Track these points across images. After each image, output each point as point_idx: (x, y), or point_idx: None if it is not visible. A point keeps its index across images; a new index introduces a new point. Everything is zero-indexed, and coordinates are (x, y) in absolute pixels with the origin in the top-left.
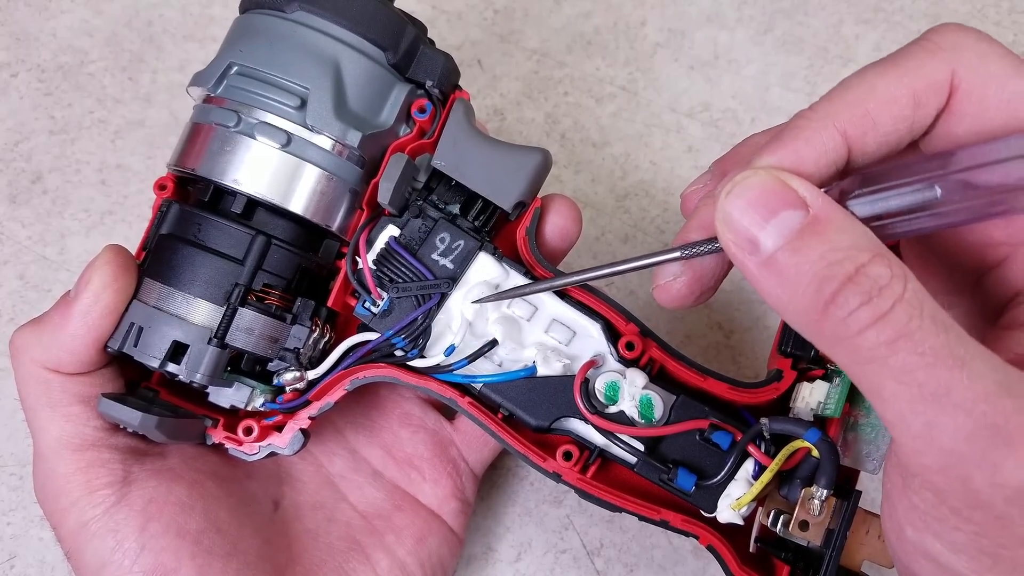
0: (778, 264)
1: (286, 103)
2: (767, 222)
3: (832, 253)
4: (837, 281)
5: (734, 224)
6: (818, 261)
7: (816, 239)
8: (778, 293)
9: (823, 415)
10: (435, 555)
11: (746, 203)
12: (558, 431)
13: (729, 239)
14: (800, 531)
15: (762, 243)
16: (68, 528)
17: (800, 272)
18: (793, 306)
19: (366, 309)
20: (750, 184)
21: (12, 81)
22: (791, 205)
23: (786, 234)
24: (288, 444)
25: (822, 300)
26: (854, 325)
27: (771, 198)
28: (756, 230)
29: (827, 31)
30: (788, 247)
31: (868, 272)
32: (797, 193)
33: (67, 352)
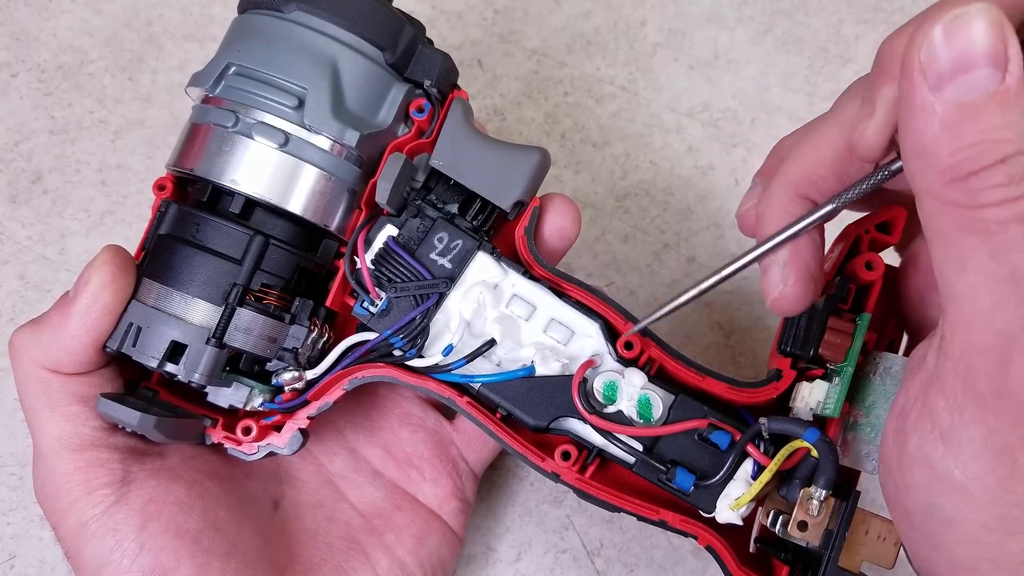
0: (949, 114)
1: (284, 103)
2: (967, 72)
3: (1002, 131)
4: (992, 157)
5: (934, 53)
6: (988, 131)
7: (997, 111)
8: (929, 140)
9: (822, 415)
10: (435, 554)
11: (960, 40)
12: (557, 431)
13: (920, 61)
14: (799, 531)
15: (948, 87)
16: (67, 528)
17: (964, 132)
18: (935, 156)
19: (364, 309)
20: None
21: (12, 81)
22: (995, 64)
23: (976, 92)
24: (287, 444)
25: (968, 167)
26: (983, 198)
27: (983, 46)
28: (952, 71)
29: (827, 31)
30: (969, 105)
31: (1021, 160)
32: (1007, 52)
33: (66, 352)
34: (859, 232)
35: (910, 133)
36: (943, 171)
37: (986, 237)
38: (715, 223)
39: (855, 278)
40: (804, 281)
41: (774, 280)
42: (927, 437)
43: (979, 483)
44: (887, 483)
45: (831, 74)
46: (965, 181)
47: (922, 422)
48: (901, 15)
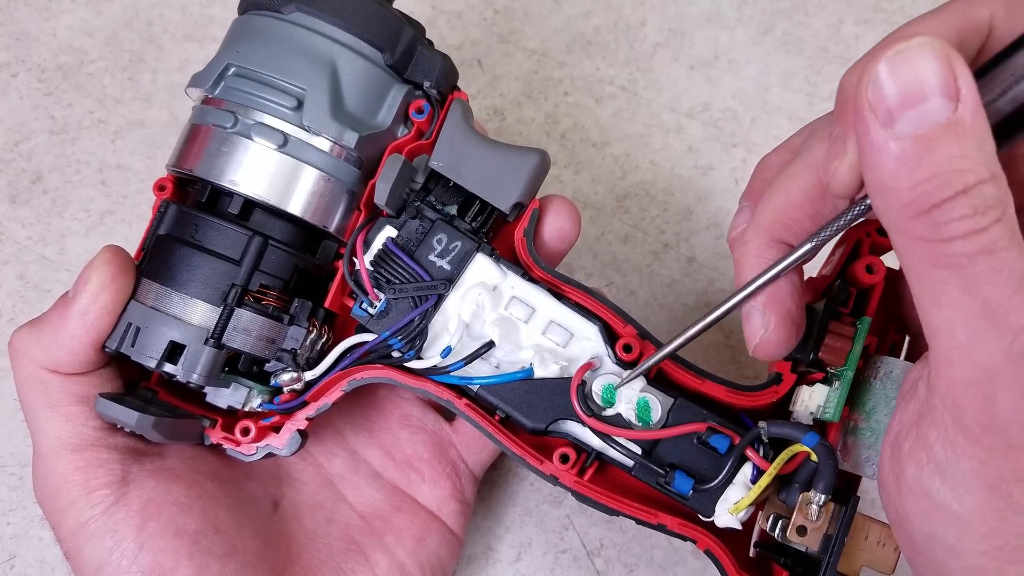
0: (904, 148)
1: (283, 104)
2: (916, 105)
3: (960, 161)
4: (953, 189)
5: (881, 90)
6: (945, 163)
7: (953, 142)
8: (887, 177)
9: (822, 419)
10: (434, 556)
11: (906, 73)
12: (555, 433)
13: (868, 100)
14: (798, 536)
15: (899, 123)
16: (67, 528)
17: (921, 166)
18: (894, 192)
19: (363, 310)
20: (918, 55)
21: (12, 81)
22: (945, 95)
23: (928, 125)
24: (285, 445)
25: (930, 201)
26: (948, 231)
27: (932, 78)
28: (900, 106)
29: (827, 31)
30: (923, 137)
31: (983, 190)
32: (957, 82)
33: (66, 352)
34: (860, 235)
35: (868, 171)
36: (905, 206)
37: (956, 271)
38: (715, 223)
39: (856, 281)
40: (785, 326)
41: (755, 326)
42: (923, 468)
43: (977, 515)
44: (888, 507)
45: (831, 74)
46: (928, 215)
47: (917, 453)
48: (901, 15)
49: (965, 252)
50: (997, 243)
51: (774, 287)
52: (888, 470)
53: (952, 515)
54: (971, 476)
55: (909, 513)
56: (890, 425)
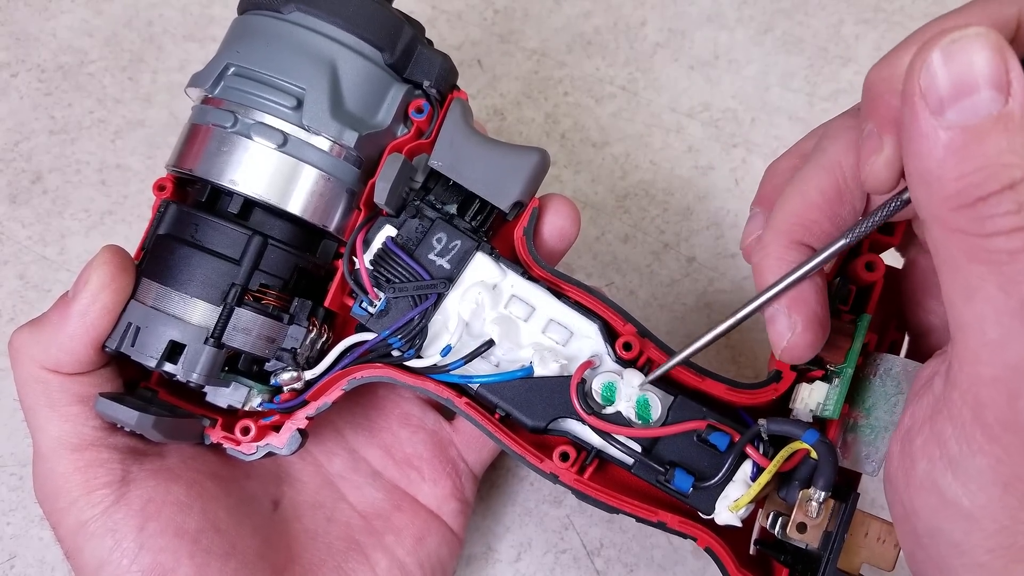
0: (953, 138)
1: (282, 104)
2: (968, 95)
3: (1008, 155)
4: (1000, 183)
5: (934, 78)
6: (994, 156)
7: (1003, 135)
8: (933, 165)
9: (822, 416)
10: (434, 555)
11: (959, 63)
12: (555, 432)
13: (920, 87)
14: (798, 533)
15: (949, 112)
16: (67, 528)
17: (969, 157)
18: (940, 183)
19: (363, 309)
20: (972, 44)
21: (12, 81)
22: (997, 87)
23: (979, 116)
24: (285, 444)
25: (976, 194)
26: (991, 226)
27: (984, 70)
28: (953, 95)
29: (827, 31)
30: (973, 129)
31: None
32: (1008, 76)
33: (66, 352)
34: None
35: (914, 159)
36: (949, 197)
37: (995, 267)
38: (715, 223)
39: (855, 279)
40: (813, 328)
41: (782, 329)
42: (935, 463)
43: (987, 512)
44: (894, 502)
45: (831, 74)
46: (972, 208)
47: (930, 447)
48: (901, 15)
49: (1006, 249)
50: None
51: (798, 289)
52: (897, 464)
53: (961, 511)
54: (986, 473)
55: (917, 508)
56: (901, 420)
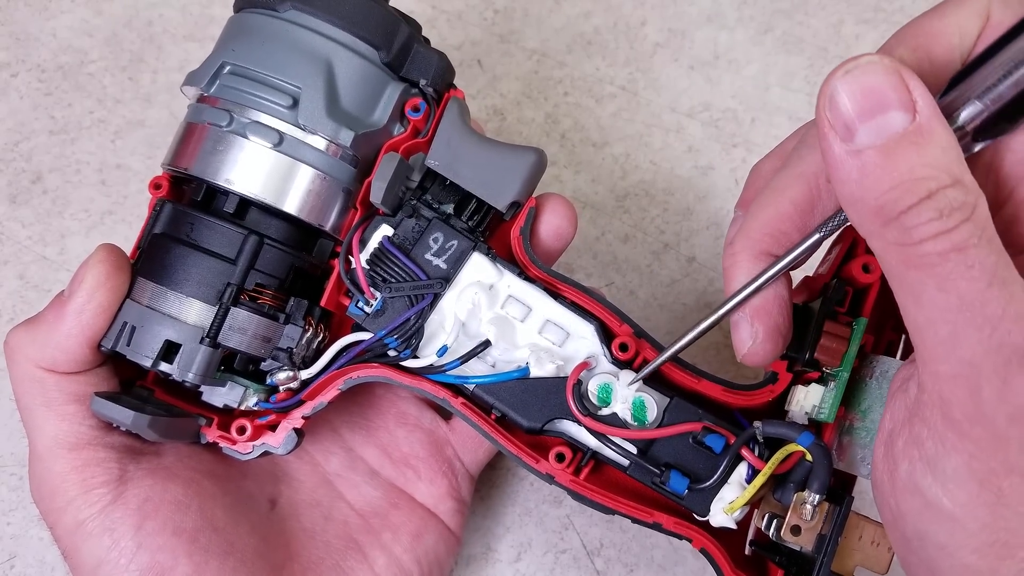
0: (866, 160)
1: (278, 102)
2: (872, 117)
3: (922, 168)
4: (917, 196)
5: (837, 107)
6: (906, 172)
7: (912, 150)
8: (852, 186)
9: (818, 419)
10: (431, 552)
11: (858, 89)
12: (551, 433)
13: (826, 117)
14: (792, 536)
15: (858, 135)
16: (64, 527)
17: (884, 175)
18: (863, 203)
19: (359, 309)
20: (868, 70)
21: (12, 81)
22: (901, 106)
23: (886, 136)
24: (281, 443)
25: (896, 208)
26: (917, 235)
27: (884, 92)
28: (858, 120)
29: (827, 31)
30: (882, 148)
31: (947, 194)
32: (911, 95)
33: (61, 351)
34: (856, 235)
35: (836, 185)
36: (875, 214)
37: (929, 270)
38: (715, 223)
39: (852, 281)
40: (772, 337)
41: (743, 336)
42: (915, 465)
43: (967, 511)
44: (882, 507)
45: None
46: (897, 220)
47: (910, 449)
48: (901, 15)
49: (935, 251)
50: (966, 241)
51: (761, 298)
52: (882, 468)
53: (943, 512)
54: (961, 471)
55: (903, 511)
56: (882, 423)
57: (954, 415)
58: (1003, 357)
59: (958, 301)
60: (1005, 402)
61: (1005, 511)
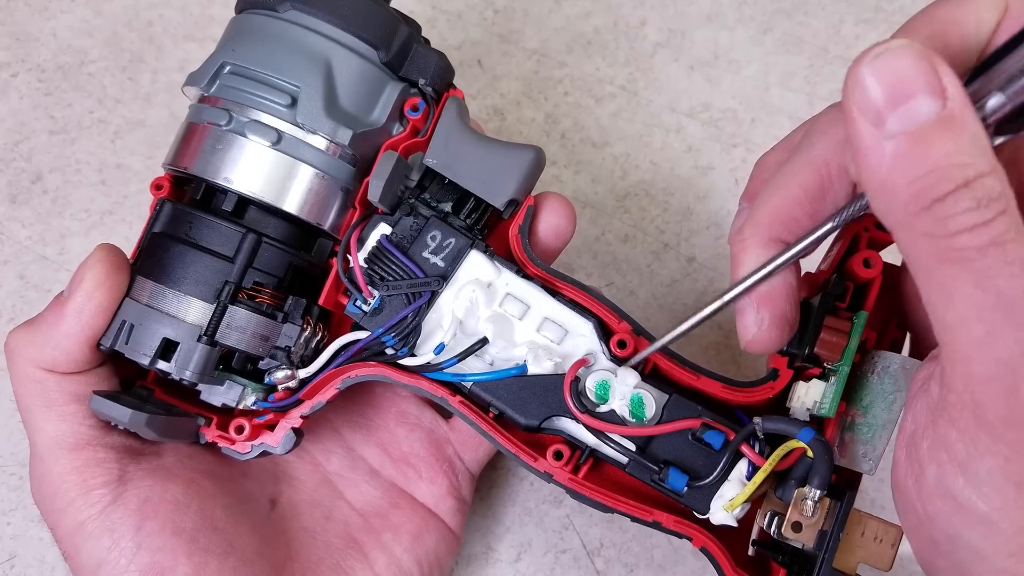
0: (899, 146)
1: (277, 101)
2: (903, 103)
3: (957, 155)
4: (953, 183)
5: (867, 92)
6: (942, 158)
7: (946, 136)
8: (884, 175)
9: (819, 415)
10: (432, 552)
11: (888, 74)
12: (549, 430)
13: (855, 103)
14: (793, 532)
15: (889, 121)
16: (64, 528)
17: (918, 161)
18: (894, 190)
19: (357, 307)
20: (897, 55)
21: (12, 81)
22: (932, 92)
23: (919, 121)
24: (280, 443)
25: (931, 196)
26: (953, 226)
27: (915, 77)
28: (889, 105)
29: (827, 31)
30: (916, 134)
31: (984, 183)
32: (940, 80)
33: (61, 351)
34: (858, 230)
35: (865, 172)
36: (906, 203)
37: (966, 265)
38: (715, 223)
39: (853, 276)
40: (779, 325)
41: (748, 323)
42: (945, 468)
43: (1003, 514)
44: (906, 511)
45: (831, 74)
46: (931, 210)
47: (937, 452)
48: (901, 15)
49: (974, 245)
50: (1005, 235)
51: (768, 285)
52: (906, 471)
53: (978, 515)
54: (997, 474)
55: (932, 515)
56: (903, 425)
57: (988, 417)
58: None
59: (996, 299)
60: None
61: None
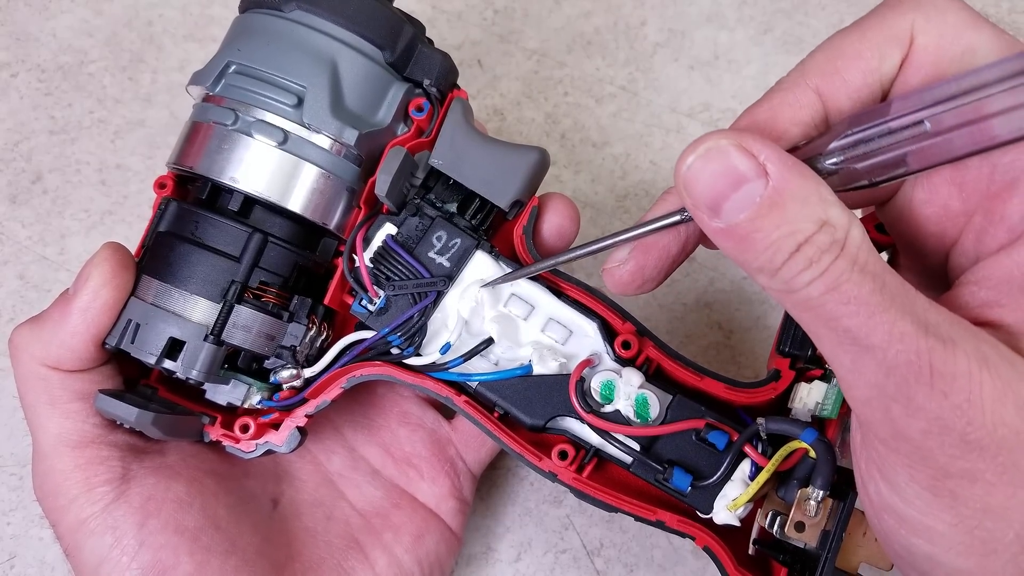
0: (738, 231)
1: (283, 101)
2: (729, 195)
3: (786, 225)
4: (788, 251)
5: (696, 193)
6: (773, 231)
7: (774, 212)
8: (736, 254)
9: (821, 416)
10: (432, 553)
11: (707, 175)
12: (554, 430)
13: (691, 201)
14: (796, 532)
15: (724, 213)
16: (67, 525)
17: (757, 239)
18: (750, 264)
19: (363, 307)
20: (713, 153)
21: (12, 81)
22: (753, 175)
23: (747, 208)
24: (285, 442)
25: (773, 266)
26: (795, 284)
27: (733, 169)
28: (718, 200)
29: (827, 31)
30: (747, 219)
31: (814, 240)
32: (758, 160)
33: (66, 349)
34: None
35: (724, 251)
36: (759, 272)
37: (816, 312)
38: None
39: None
40: (633, 273)
41: (616, 256)
42: (880, 484)
43: (935, 517)
44: (875, 529)
45: None
46: (777, 275)
47: (871, 471)
48: None
49: (814, 295)
50: (839, 279)
51: (655, 237)
52: (861, 492)
53: (917, 523)
54: (912, 483)
55: (885, 530)
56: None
57: (879, 435)
58: (900, 377)
59: (846, 335)
60: (914, 418)
61: (966, 510)
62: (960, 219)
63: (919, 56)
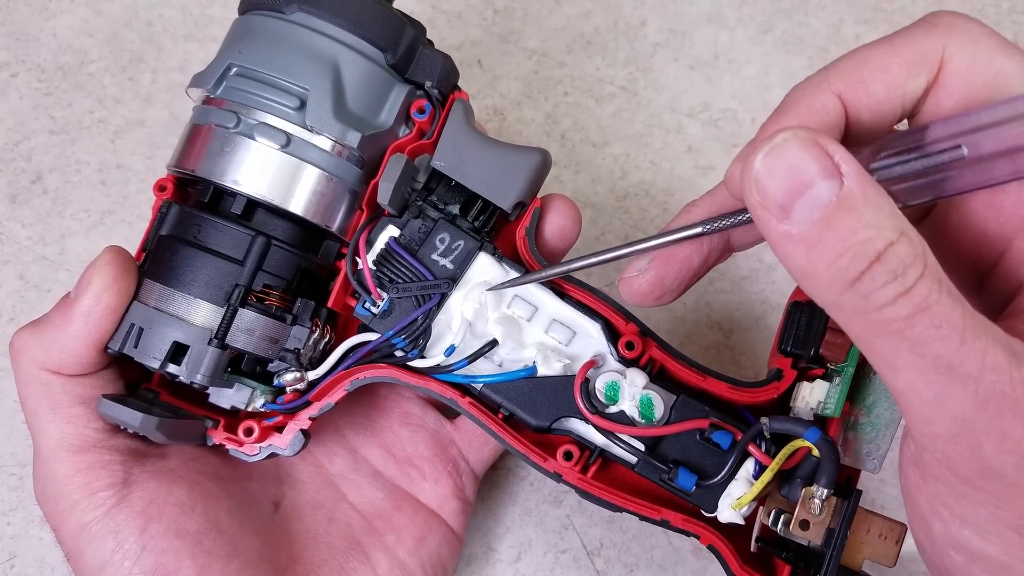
0: (808, 235)
1: (285, 104)
2: (802, 193)
3: (864, 231)
4: (867, 259)
5: (765, 189)
6: (850, 237)
7: (849, 215)
8: (803, 263)
9: (823, 415)
10: (435, 555)
11: (782, 169)
12: (558, 431)
13: (757, 202)
14: (801, 530)
15: (794, 213)
16: (68, 530)
17: (830, 246)
18: (817, 277)
19: (366, 309)
20: (786, 147)
21: (12, 81)
22: (827, 175)
23: (821, 208)
24: (289, 445)
25: (850, 276)
26: (877, 300)
27: (807, 167)
28: (789, 199)
29: (827, 31)
30: (821, 221)
31: (896, 251)
32: (833, 160)
33: (68, 353)
34: None
35: (785, 261)
36: (829, 286)
37: (899, 335)
38: None
39: None
40: (653, 284)
41: (636, 265)
42: (948, 522)
43: (1015, 557)
44: (930, 565)
45: None
46: (853, 289)
47: (936, 507)
48: (901, 15)
49: (901, 316)
50: (928, 298)
51: (675, 248)
52: (918, 528)
53: (993, 561)
54: (994, 522)
55: (949, 568)
56: (902, 484)
57: (963, 472)
58: (995, 409)
59: (935, 363)
60: (1009, 453)
61: None
62: (998, 244)
63: (951, 79)
